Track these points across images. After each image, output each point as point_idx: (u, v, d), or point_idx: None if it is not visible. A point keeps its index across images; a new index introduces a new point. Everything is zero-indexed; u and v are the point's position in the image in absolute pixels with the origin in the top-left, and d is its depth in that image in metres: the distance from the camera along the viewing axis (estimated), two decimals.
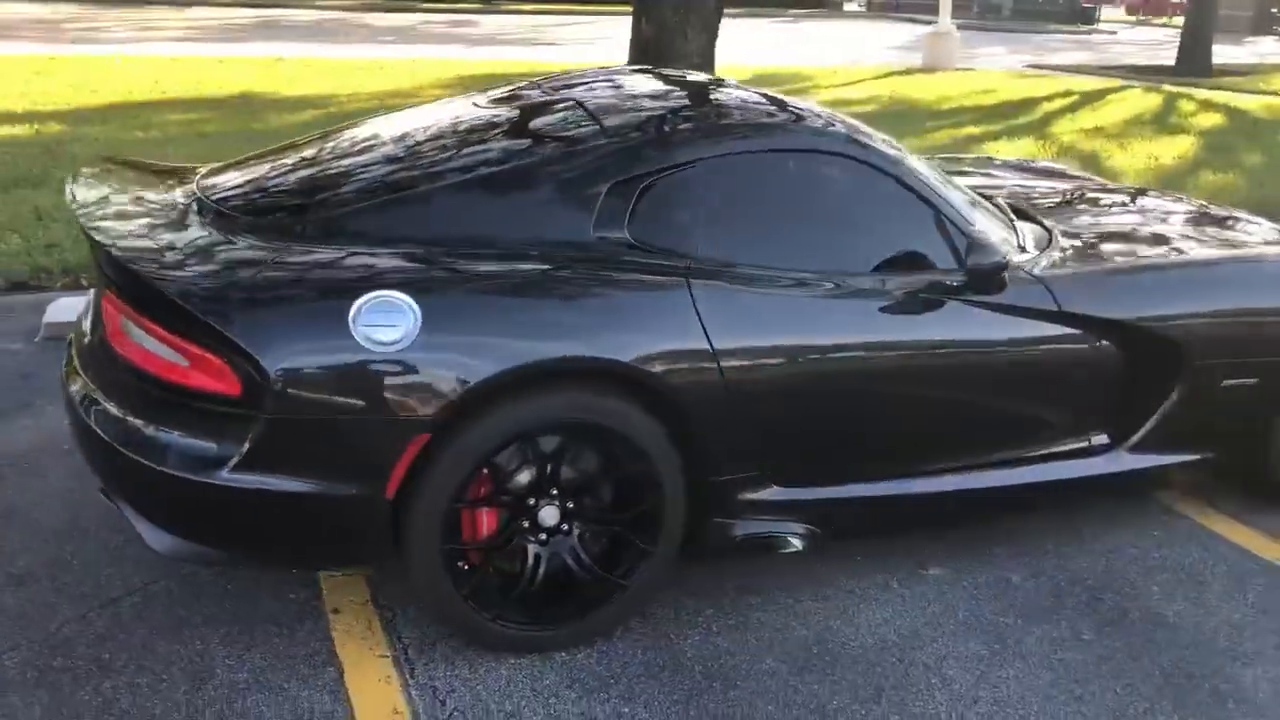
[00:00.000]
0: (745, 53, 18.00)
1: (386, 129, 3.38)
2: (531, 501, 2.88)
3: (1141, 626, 3.21)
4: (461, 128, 3.28)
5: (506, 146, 3.14)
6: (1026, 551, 3.57)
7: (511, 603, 2.89)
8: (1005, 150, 9.75)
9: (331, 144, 3.37)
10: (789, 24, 27.30)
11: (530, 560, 2.90)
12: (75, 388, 2.92)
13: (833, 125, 3.34)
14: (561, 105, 3.37)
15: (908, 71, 17.35)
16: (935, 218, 3.25)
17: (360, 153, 3.23)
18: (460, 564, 2.81)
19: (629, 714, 2.77)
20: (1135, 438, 3.52)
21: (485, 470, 2.79)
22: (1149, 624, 3.22)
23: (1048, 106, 13.37)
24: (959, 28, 18.62)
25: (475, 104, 3.51)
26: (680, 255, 2.99)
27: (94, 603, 3.11)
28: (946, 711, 2.83)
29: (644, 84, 3.67)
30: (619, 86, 3.62)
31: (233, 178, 3.21)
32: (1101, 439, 3.51)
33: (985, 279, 3.18)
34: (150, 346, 2.68)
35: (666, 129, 3.17)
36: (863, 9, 29.82)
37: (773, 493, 3.09)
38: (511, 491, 2.84)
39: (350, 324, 2.59)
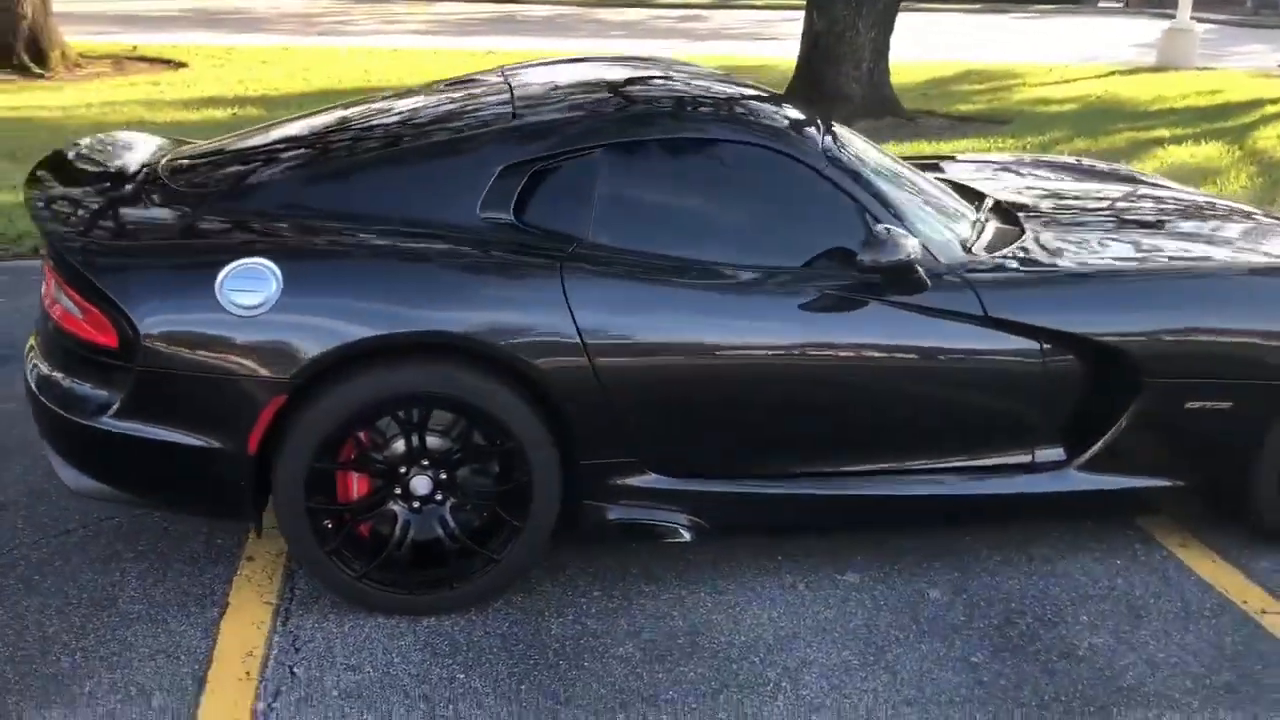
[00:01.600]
0: (962, 48, 17.44)
1: (344, 111, 3.57)
2: (403, 470, 2.99)
3: (1044, 656, 3.03)
4: (396, 111, 3.44)
5: (417, 128, 3.27)
6: (963, 566, 3.43)
7: (380, 565, 3.01)
8: (1178, 155, 9.11)
9: (292, 124, 3.59)
10: (1033, 19, 26.12)
11: (399, 526, 3.01)
12: (28, 347, 3.25)
13: (753, 114, 3.30)
14: (493, 91, 3.47)
15: (1135, 70, 16.35)
16: (854, 212, 3.16)
17: (299, 131, 3.42)
18: (325, 522, 2.96)
19: (462, 681, 2.86)
20: (1085, 457, 3.30)
21: (356, 434, 2.91)
22: (1054, 654, 3.04)
23: (1271, 110, 12.34)
24: (1225, 24, 17.32)
25: (430, 89, 3.65)
26: (566, 239, 3.03)
27: (50, 532, 3.45)
28: (781, 716, 2.77)
29: (594, 72, 3.72)
30: (565, 74, 3.67)
31: (197, 151, 3.47)
32: (1050, 455, 3.31)
33: (894, 277, 3.07)
34: (65, 303, 2.96)
35: (570, 115, 3.21)
36: (1120, 4, 28.19)
37: (652, 480, 3.10)
38: (380, 458, 2.96)
39: (217, 287, 2.78)
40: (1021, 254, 3.35)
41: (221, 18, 19.99)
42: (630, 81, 3.63)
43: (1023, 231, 3.56)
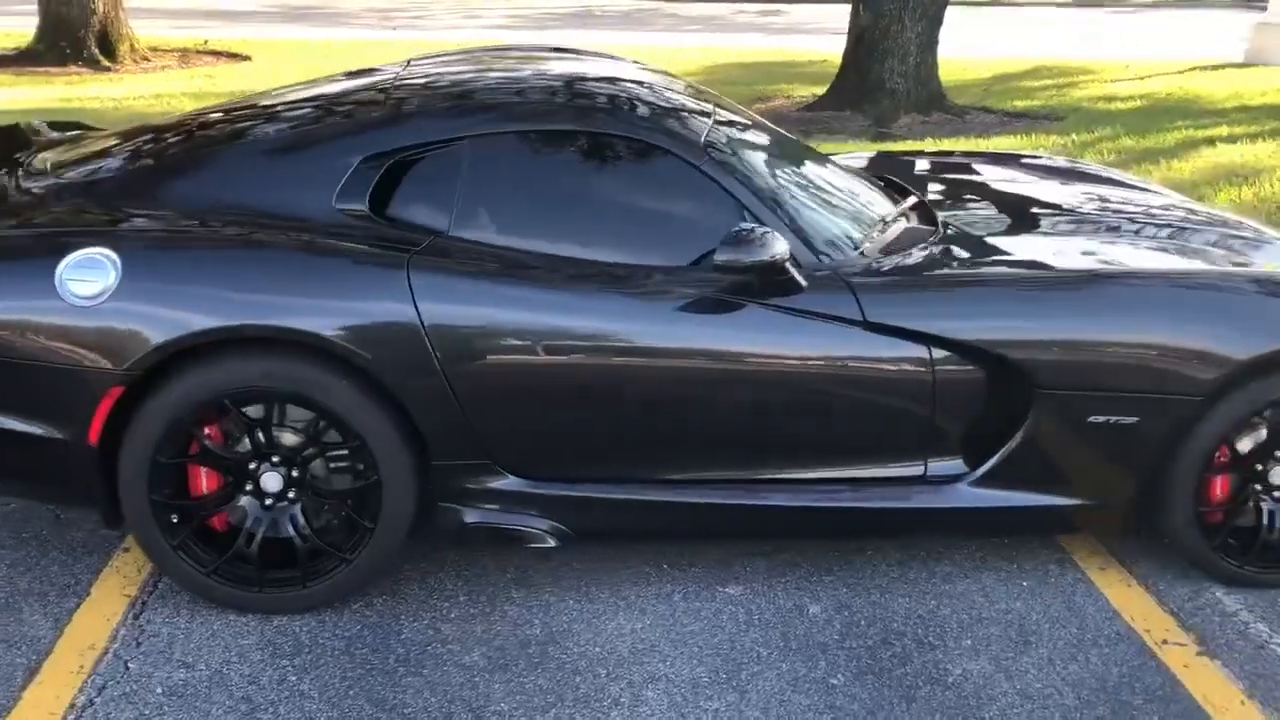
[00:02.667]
0: (1047, 43, 16.91)
1: (237, 103, 3.53)
2: (252, 465, 2.94)
3: (909, 681, 2.87)
4: (276, 102, 3.38)
5: (285, 119, 3.21)
6: (856, 582, 3.28)
7: (230, 561, 2.97)
8: (1227, 155, 8.68)
9: (185, 118, 3.56)
10: (1129, 14, 25.26)
11: (249, 523, 2.97)
12: None
13: (630, 106, 3.18)
14: (378, 83, 3.40)
15: (1220, 66, 15.68)
16: (732, 210, 3.03)
17: (178, 123, 3.40)
18: (172, 516, 2.92)
19: (292, 684, 2.80)
20: (979, 472, 3.12)
21: (201, 428, 2.88)
22: (921, 680, 2.88)
23: None
24: None
25: (327, 80, 3.61)
26: (424, 233, 2.96)
27: None
28: None
29: (492, 63, 3.62)
30: (460, 65, 3.59)
31: (81, 146, 3.47)
32: (945, 469, 3.14)
33: (765, 278, 2.93)
34: None
35: (437, 106, 3.14)
36: None
37: (510, 483, 3.01)
38: (226, 454, 2.92)
39: (56, 276, 2.77)
40: (918, 257, 3.18)
41: (306, 12, 20.31)
42: (515, 73, 3.53)
43: (933, 233, 3.37)
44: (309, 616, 3.06)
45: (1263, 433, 3.18)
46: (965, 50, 14.65)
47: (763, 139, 3.52)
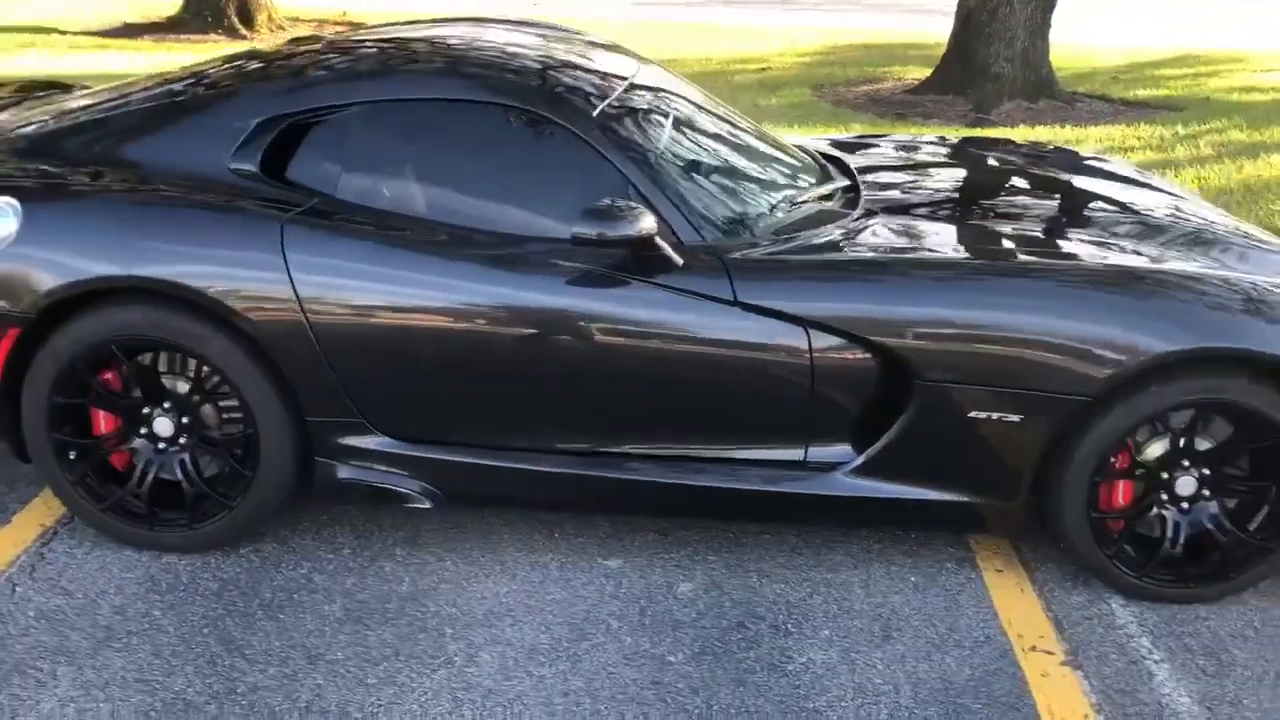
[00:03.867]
0: (1201, 30, 16.03)
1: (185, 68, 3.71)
2: (146, 410, 3.12)
3: (748, 665, 2.86)
4: (210, 67, 3.53)
5: (204, 83, 3.36)
6: (738, 564, 3.27)
7: (127, 500, 3.16)
8: None
9: (131, 81, 3.74)
10: None
11: (144, 464, 3.15)
12: None
13: (523, 76, 3.22)
14: (300, 50, 3.51)
15: None
16: (618, 183, 3.04)
17: (128, 84, 3.59)
18: (70, 454, 3.12)
19: (155, 618, 2.97)
20: (858, 462, 3.07)
21: (95, 372, 3.06)
22: (760, 665, 2.86)
23: None
24: None
25: (269, 47, 3.74)
26: (309, 194, 3.07)
27: None
28: (426, 690, 2.74)
29: (414, 33, 3.68)
30: (386, 33, 3.68)
31: (45, 103, 3.70)
32: (826, 455, 3.10)
33: (636, 253, 2.94)
34: None
35: (334, 72, 3.23)
36: None
37: (381, 443, 3.11)
38: (121, 397, 3.10)
39: None
40: (810, 239, 3.13)
41: None
42: (428, 41, 3.58)
43: (847, 215, 3.31)
44: (197, 557, 3.22)
45: (1165, 440, 3.02)
46: (1110, 37, 14.07)
47: (687, 115, 3.51)
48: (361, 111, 3.12)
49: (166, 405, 3.12)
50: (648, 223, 2.89)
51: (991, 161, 4.14)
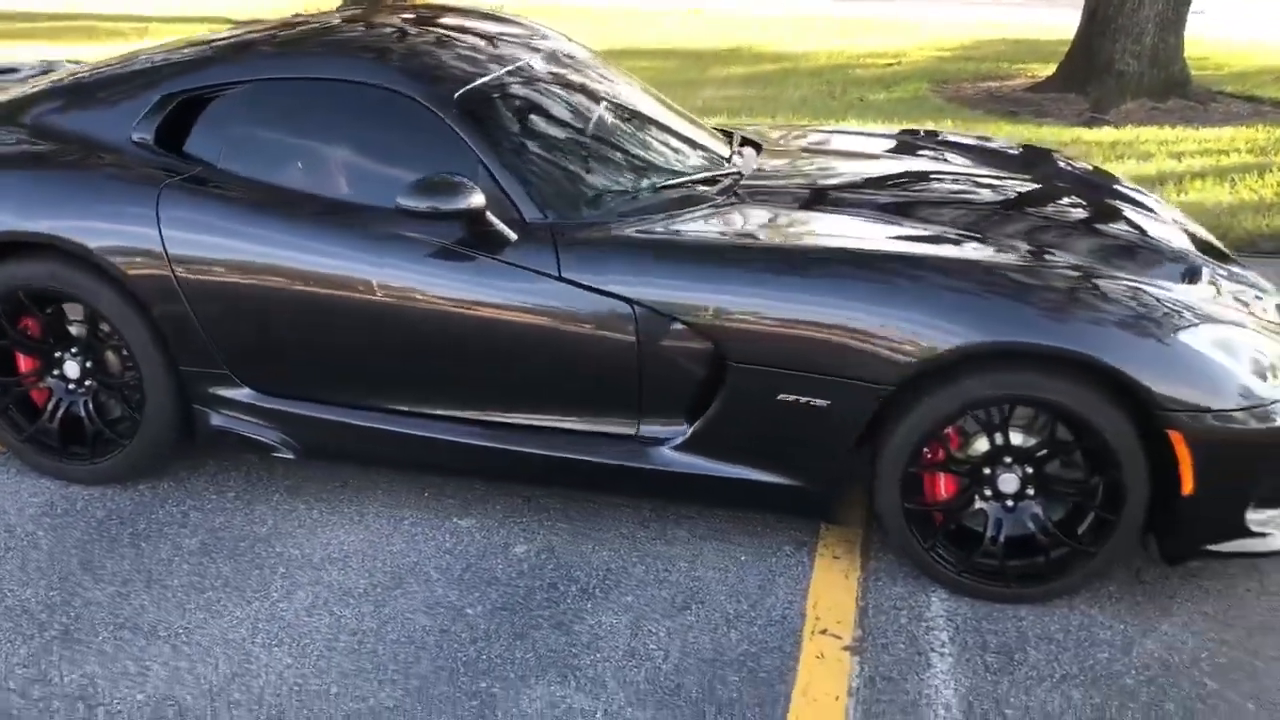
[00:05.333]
0: None
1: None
2: (57, 354, 3.51)
3: (537, 622, 3.01)
4: (159, 48, 3.89)
5: (137, 61, 3.71)
6: (582, 532, 3.41)
7: (39, 433, 3.56)
8: None
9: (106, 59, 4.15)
10: None
11: (52, 402, 3.54)
12: None
13: (392, 56, 3.41)
14: (242, 32, 3.82)
15: None
16: (473, 163, 3.22)
17: (103, 60, 3.98)
18: None
19: (36, 538, 3.35)
20: (681, 439, 3.18)
21: (21, 319, 3.47)
22: (548, 622, 3.01)
23: None
24: None
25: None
26: (195, 164, 3.38)
27: None
28: (233, 619, 3.00)
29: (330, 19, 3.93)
30: (320, 17, 3.94)
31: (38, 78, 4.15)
32: (656, 431, 3.21)
33: (472, 227, 3.11)
34: None
35: (229, 51, 3.52)
36: None
37: (247, 395, 3.39)
38: (31, 341, 3.50)
39: None
40: (648, 221, 3.22)
41: None
42: (319, 25, 3.81)
43: (709, 200, 3.40)
44: (98, 489, 3.57)
45: (981, 434, 3.00)
46: None
47: (579, 102, 3.65)
48: (244, 89, 3.40)
49: (74, 350, 3.47)
50: (477, 199, 3.05)
51: (931, 158, 4.11)
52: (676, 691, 2.74)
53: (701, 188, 3.49)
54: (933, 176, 3.84)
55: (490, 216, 3.09)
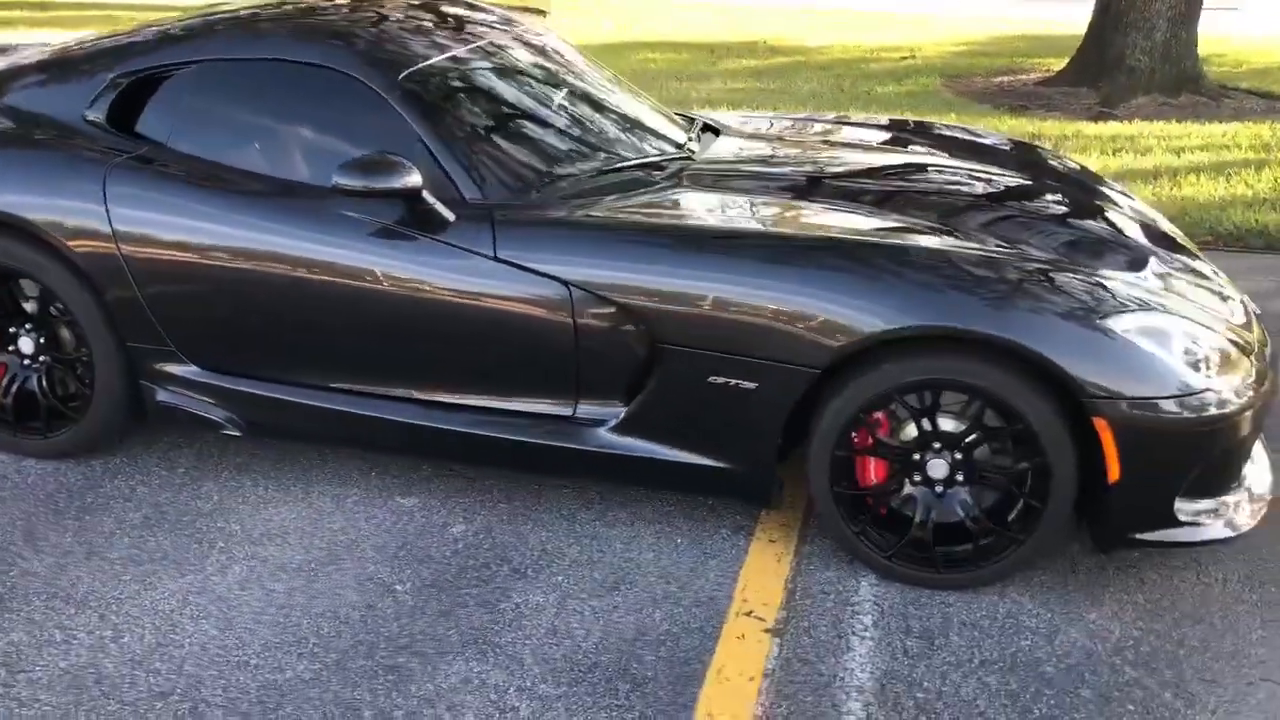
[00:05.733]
0: None
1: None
2: (12, 330, 3.57)
3: (464, 600, 3.03)
4: (127, 30, 3.94)
5: (98, 43, 3.75)
6: (522, 513, 3.42)
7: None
8: None
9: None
10: None
11: (8, 377, 3.60)
12: None
13: (337, 37, 3.43)
14: (211, 13, 3.86)
15: None
16: (415, 145, 3.24)
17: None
18: None
19: None
20: (616, 420, 3.19)
21: None
22: (475, 601, 3.03)
23: None
24: None
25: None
26: (144, 143, 3.43)
27: None
28: (179, 589, 3.05)
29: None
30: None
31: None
32: (594, 412, 3.22)
33: (411, 206, 3.13)
34: None
35: (181, 33, 3.57)
36: None
37: (192, 371, 3.44)
38: None
39: None
40: (586, 201, 3.24)
41: None
42: (274, 6, 3.84)
43: (654, 183, 3.41)
44: (52, 463, 3.63)
45: (908, 419, 2.99)
46: None
47: (533, 85, 3.67)
48: (192, 70, 3.44)
49: (29, 326, 3.52)
50: (413, 178, 3.08)
51: (900, 146, 4.10)
52: (592, 669, 2.76)
53: (648, 172, 3.49)
54: (892, 164, 3.83)
55: (427, 196, 3.11)
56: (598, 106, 3.81)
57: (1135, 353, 2.80)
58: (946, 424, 2.98)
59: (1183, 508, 2.93)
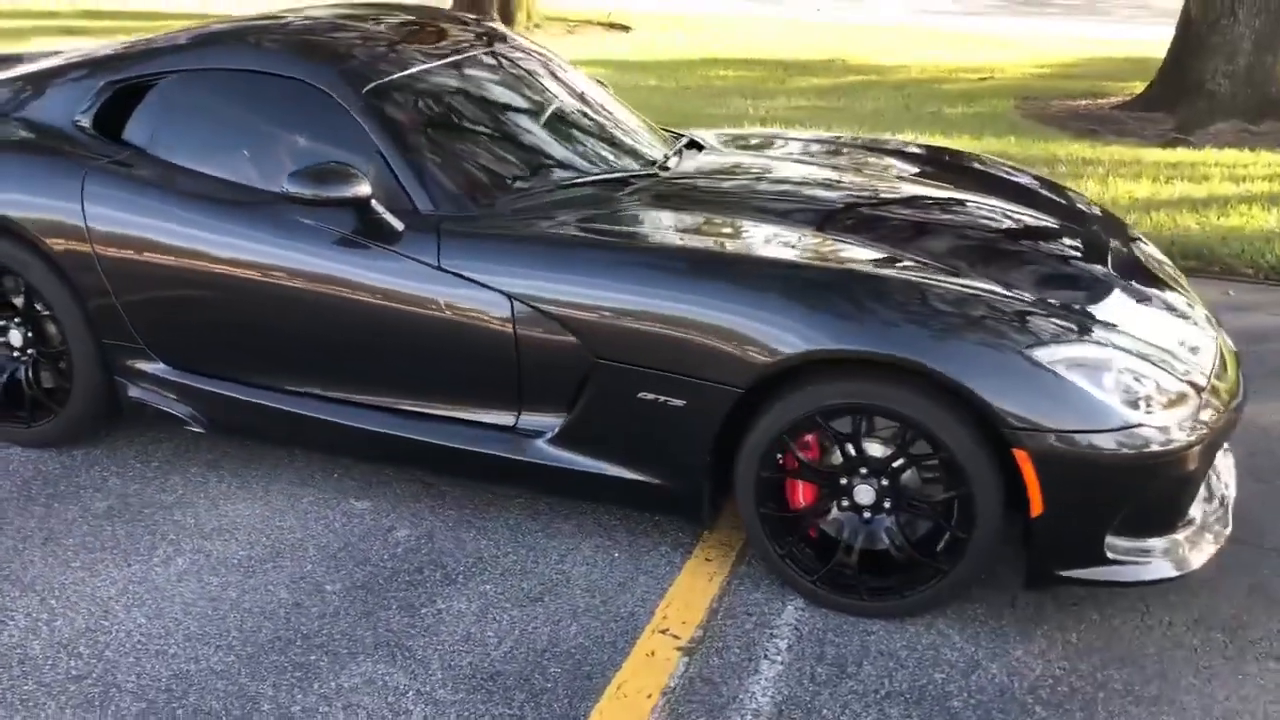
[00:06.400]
0: None
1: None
2: (2, 324, 3.75)
3: (389, 602, 3.08)
4: (127, 42, 4.11)
5: (100, 52, 3.92)
6: (467, 521, 3.46)
7: None
8: None
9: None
10: None
11: None
12: None
13: (303, 50, 3.53)
14: (180, 31, 4.02)
15: None
16: (374, 156, 3.32)
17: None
18: None
19: None
20: (553, 432, 3.23)
21: None
22: (398, 604, 3.08)
23: None
24: None
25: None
26: (125, 148, 3.58)
27: None
28: (121, 578, 3.17)
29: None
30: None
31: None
32: (535, 423, 3.27)
33: (362, 216, 3.21)
34: None
35: (164, 44, 3.71)
36: None
37: (160, 369, 3.57)
38: None
39: None
40: (533, 216, 3.28)
41: None
42: (258, 20, 3.95)
43: (613, 200, 3.45)
44: (39, 450, 3.79)
45: (835, 444, 2.97)
46: None
47: (508, 100, 3.73)
48: (173, 79, 3.57)
49: (17, 320, 3.69)
50: (362, 188, 3.16)
51: (878, 167, 4.07)
52: (494, 678, 2.78)
53: (611, 188, 3.51)
54: (870, 187, 3.79)
55: (375, 205, 3.18)
56: (573, 123, 3.84)
57: (1061, 385, 2.73)
58: (873, 450, 2.93)
59: (1116, 545, 2.85)
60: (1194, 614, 3.05)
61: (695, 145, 4.13)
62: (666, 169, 3.72)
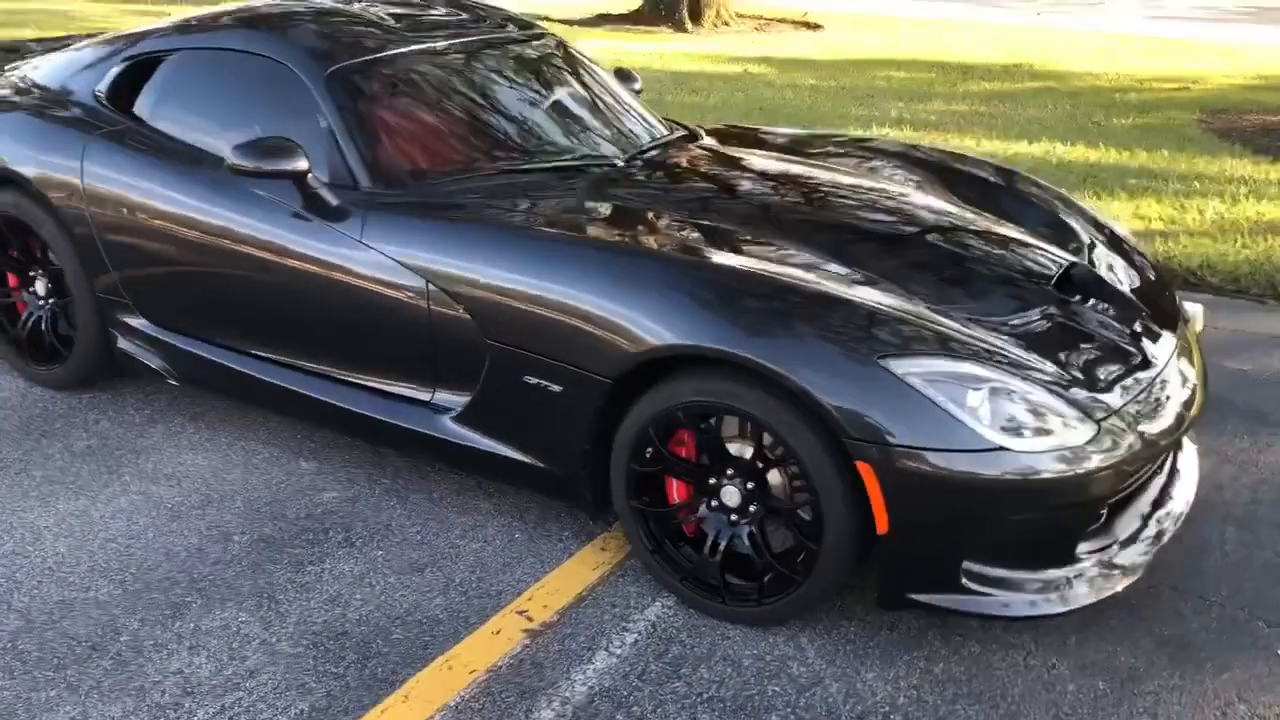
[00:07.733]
0: None
1: None
2: (30, 273, 4.16)
3: (278, 559, 3.23)
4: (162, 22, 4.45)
5: (124, 33, 4.27)
6: (394, 489, 3.57)
7: (13, 341, 4.22)
8: None
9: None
10: None
11: (25, 313, 4.19)
12: None
13: (284, 30, 3.73)
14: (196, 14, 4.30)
15: None
16: (329, 134, 3.51)
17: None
18: None
19: None
20: (457, 410, 3.34)
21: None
22: (285, 560, 3.21)
23: None
24: None
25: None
26: (130, 118, 3.90)
27: None
28: (62, 511, 3.48)
29: None
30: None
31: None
32: (449, 399, 3.38)
33: (300, 189, 3.39)
34: None
35: (173, 23, 4.00)
36: None
37: (142, 324, 3.87)
38: (7, 261, 4.16)
39: None
40: (474, 198, 3.35)
41: None
42: (255, 7, 4.16)
43: (569, 186, 3.51)
44: (55, 391, 4.17)
45: (700, 441, 2.95)
46: None
47: (477, 81, 3.82)
48: (173, 58, 3.85)
49: (41, 273, 4.07)
50: (300, 163, 3.33)
51: (864, 172, 3.96)
52: (338, 638, 2.89)
53: (555, 177, 3.55)
54: (824, 189, 3.69)
55: (312, 179, 3.34)
56: (547, 112, 3.89)
57: (914, 398, 2.62)
58: (738, 452, 2.88)
59: (982, 574, 2.70)
60: (1085, 659, 2.85)
61: (692, 138, 4.10)
62: (634, 163, 3.71)
